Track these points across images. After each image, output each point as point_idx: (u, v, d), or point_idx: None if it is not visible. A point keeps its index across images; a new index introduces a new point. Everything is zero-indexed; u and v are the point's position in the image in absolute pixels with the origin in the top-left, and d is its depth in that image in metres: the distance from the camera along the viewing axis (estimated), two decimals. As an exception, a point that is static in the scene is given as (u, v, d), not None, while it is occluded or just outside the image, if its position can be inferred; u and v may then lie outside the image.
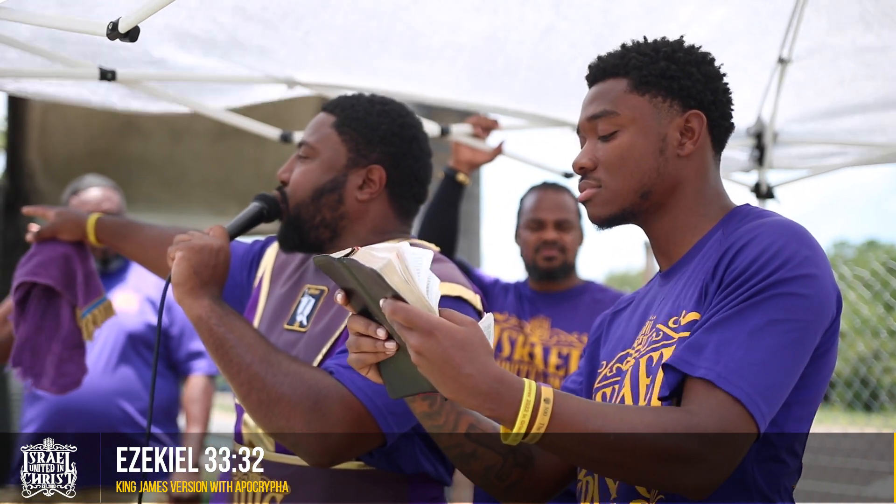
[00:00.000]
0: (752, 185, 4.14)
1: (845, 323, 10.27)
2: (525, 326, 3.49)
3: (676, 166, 1.72)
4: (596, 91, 1.78)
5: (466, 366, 1.42)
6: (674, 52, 1.75)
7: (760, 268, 1.53)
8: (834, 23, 3.23)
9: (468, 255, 5.73)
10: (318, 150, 2.19)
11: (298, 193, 2.18)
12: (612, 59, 1.78)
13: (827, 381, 1.64)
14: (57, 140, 9.43)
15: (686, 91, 1.73)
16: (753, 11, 3.24)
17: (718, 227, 1.70)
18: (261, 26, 2.98)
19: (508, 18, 3.17)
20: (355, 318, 1.55)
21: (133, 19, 1.93)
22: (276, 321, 2.24)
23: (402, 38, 3.18)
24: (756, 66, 3.54)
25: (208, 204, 10.45)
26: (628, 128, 1.72)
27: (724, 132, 1.78)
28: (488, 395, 1.42)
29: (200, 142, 9.78)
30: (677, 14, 3.17)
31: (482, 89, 3.56)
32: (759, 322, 1.49)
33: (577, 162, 1.76)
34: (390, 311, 1.43)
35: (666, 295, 1.70)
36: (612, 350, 1.79)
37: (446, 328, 1.42)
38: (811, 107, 3.81)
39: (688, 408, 1.47)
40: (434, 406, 1.71)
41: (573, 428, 1.44)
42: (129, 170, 9.40)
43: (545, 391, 1.44)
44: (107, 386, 3.94)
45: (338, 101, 2.24)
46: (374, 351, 1.53)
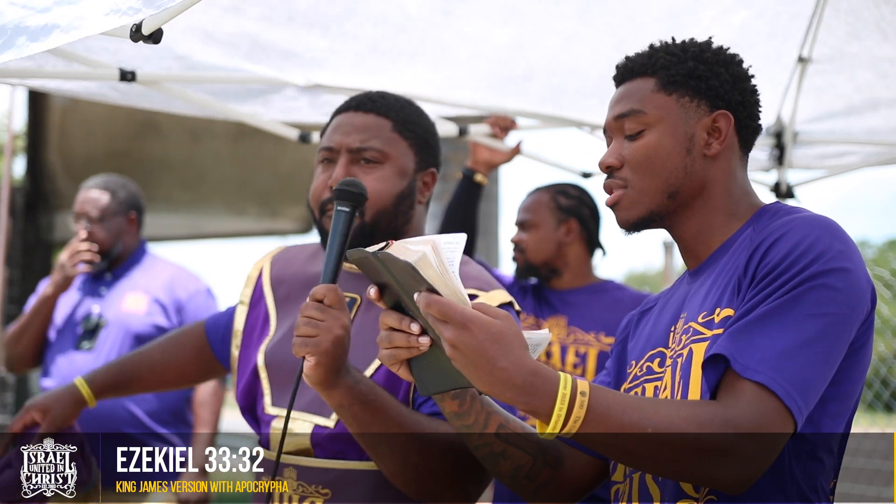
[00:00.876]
0: (772, 184, 4.13)
1: (865, 323, 10.20)
2: (542, 325, 3.49)
3: (703, 166, 1.71)
4: (623, 90, 1.77)
5: (501, 359, 1.41)
6: (702, 53, 1.74)
7: (794, 262, 1.53)
8: (851, 31, 3.23)
9: (486, 256, 5.72)
10: (390, 155, 2.13)
11: (382, 201, 2.10)
12: (640, 59, 1.77)
13: (863, 376, 1.63)
14: (77, 141, 9.47)
15: (714, 91, 1.72)
16: (774, 14, 3.24)
17: (748, 225, 1.70)
18: (287, 34, 2.99)
19: (535, 28, 3.18)
20: (388, 313, 1.55)
21: (156, 21, 1.93)
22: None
23: (430, 50, 3.19)
24: (776, 68, 3.53)
25: (227, 204, 10.48)
26: (655, 127, 1.71)
27: (751, 133, 1.78)
28: (523, 388, 1.42)
29: (220, 142, 9.80)
30: (700, 18, 3.17)
31: (501, 93, 3.56)
32: (794, 316, 1.49)
33: (603, 161, 1.75)
34: (425, 304, 1.43)
35: (696, 293, 1.69)
36: (641, 349, 1.78)
37: (481, 321, 1.42)
38: (830, 107, 3.80)
39: (724, 402, 1.47)
40: (464, 406, 1.70)
41: (609, 421, 1.43)
42: (148, 170, 9.43)
43: (581, 384, 1.44)
44: None
45: (379, 102, 2.17)
46: (408, 346, 1.53)
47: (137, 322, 4.01)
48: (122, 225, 4.14)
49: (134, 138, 9.43)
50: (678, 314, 1.71)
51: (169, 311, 4.05)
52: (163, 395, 3.99)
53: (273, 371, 2.20)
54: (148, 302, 4.06)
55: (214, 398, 4.08)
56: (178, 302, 4.08)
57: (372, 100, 2.18)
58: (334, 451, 2.07)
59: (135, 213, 4.19)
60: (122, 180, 4.27)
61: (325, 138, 2.19)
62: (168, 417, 4.01)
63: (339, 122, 2.18)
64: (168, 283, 4.11)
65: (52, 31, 1.79)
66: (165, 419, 4.00)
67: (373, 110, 2.16)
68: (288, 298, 2.27)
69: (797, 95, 3.66)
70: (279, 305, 2.27)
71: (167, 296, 4.08)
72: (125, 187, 4.20)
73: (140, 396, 3.93)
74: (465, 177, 3.40)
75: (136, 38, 1.96)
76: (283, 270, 2.31)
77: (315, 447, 2.08)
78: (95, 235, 4.10)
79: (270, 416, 2.17)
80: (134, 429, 3.93)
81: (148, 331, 4.00)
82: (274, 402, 2.17)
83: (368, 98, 2.19)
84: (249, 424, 2.29)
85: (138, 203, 4.23)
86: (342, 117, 2.18)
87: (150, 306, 4.05)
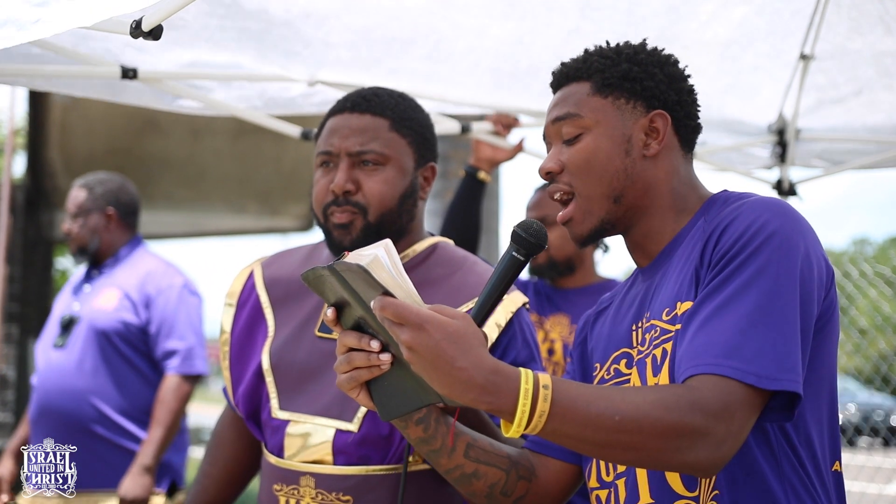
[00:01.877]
0: (774, 181, 4.13)
1: (866, 320, 10.21)
2: (545, 323, 3.49)
3: (644, 167, 1.71)
4: (560, 95, 1.78)
5: (460, 358, 1.38)
6: (636, 55, 1.75)
7: (746, 244, 1.53)
8: (854, 26, 3.22)
9: (488, 253, 5.72)
10: (390, 156, 2.13)
11: (386, 202, 2.11)
12: (575, 64, 1.78)
13: (835, 354, 1.64)
14: (78, 138, 9.47)
15: (649, 92, 1.72)
16: (775, 10, 3.23)
17: (699, 216, 1.70)
18: (283, 27, 2.98)
19: (535, 23, 3.17)
20: (347, 333, 1.52)
21: (156, 18, 1.93)
22: (303, 330, 2.18)
23: (425, 41, 3.18)
24: (777, 64, 3.52)
25: (228, 202, 10.48)
26: (592, 130, 1.71)
27: (690, 132, 1.78)
28: (484, 387, 1.39)
29: (220, 140, 9.80)
30: (698, 13, 3.16)
31: (504, 90, 3.55)
32: (748, 298, 1.49)
33: (542, 167, 1.75)
34: (380, 308, 1.40)
35: (655, 289, 1.69)
36: (604, 351, 1.78)
37: (437, 321, 1.39)
38: (833, 104, 3.80)
39: (689, 386, 1.46)
40: (429, 430, 1.69)
41: (576, 413, 1.40)
42: (149, 168, 9.43)
43: (542, 378, 1.41)
44: (80, 385, 3.91)
45: (375, 102, 2.17)
46: (369, 364, 1.51)
47: (104, 318, 3.98)
48: (98, 221, 4.14)
49: (135, 136, 9.43)
50: (640, 313, 1.71)
51: (138, 306, 4.02)
52: (133, 391, 3.96)
53: (280, 374, 2.17)
54: (119, 297, 4.03)
55: (174, 395, 3.93)
56: (146, 297, 4.03)
57: (367, 99, 2.17)
58: (358, 455, 2.04)
59: (113, 210, 4.16)
60: (106, 177, 4.26)
61: (322, 141, 2.18)
62: (142, 416, 3.97)
63: (335, 124, 2.17)
64: (141, 279, 4.07)
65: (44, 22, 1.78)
66: (137, 417, 3.97)
67: (369, 110, 2.15)
68: (286, 299, 2.25)
69: (799, 93, 3.66)
70: (276, 306, 2.25)
71: (137, 291, 4.04)
72: (104, 184, 4.19)
73: (109, 394, 3.90)
74: (467, 174, 3.39)
75: (136, 35, 1.95)
76: (277, 272, 2.30)
77: (336, 454, 2.05)
78: (72, 231, 4.14)
79: (280, 420, 2.13)
80: (102, 427, 3.90)
81: (115, 326, 3.97)
82: (282, 405, 2.14)
83: (363, 98, 2.18)
84: (252, 430, 2.25)
85: (119, 199, 4.19)
86: (338, 119, 2.17)
87: (120, 301, 4.02)
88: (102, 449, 3.89)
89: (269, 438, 2.16)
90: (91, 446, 3.85)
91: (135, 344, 4.00)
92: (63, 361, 3.96)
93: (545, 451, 1.80)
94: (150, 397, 3.99)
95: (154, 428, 3.89)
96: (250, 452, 2.34)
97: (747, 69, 3.57)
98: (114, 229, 4.18)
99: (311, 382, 2.12)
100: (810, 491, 1.59)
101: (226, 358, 2.28)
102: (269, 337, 2.22)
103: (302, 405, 2.11)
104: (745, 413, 1.45)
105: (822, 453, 1.62)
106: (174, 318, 4.04)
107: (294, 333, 2.18)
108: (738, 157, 4.14)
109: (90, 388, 3.91)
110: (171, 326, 4.02)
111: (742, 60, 3.49)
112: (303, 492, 2.07)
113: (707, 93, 3.81)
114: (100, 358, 3.95)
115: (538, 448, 1.81)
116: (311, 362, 2.14)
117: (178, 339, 4.00)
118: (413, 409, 1.52)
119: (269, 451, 2.17)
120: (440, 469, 1.73)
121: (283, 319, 2.22)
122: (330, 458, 2.05)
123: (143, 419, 3.98)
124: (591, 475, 1.75)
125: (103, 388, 3.92)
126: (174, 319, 4.03)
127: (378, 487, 2.03)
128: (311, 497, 2.05)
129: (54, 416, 3.90)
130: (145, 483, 3.81)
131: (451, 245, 2.26)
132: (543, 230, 1.61)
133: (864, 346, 9.18)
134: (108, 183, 4.20)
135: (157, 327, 4.01)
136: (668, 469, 1.54)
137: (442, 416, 1.71)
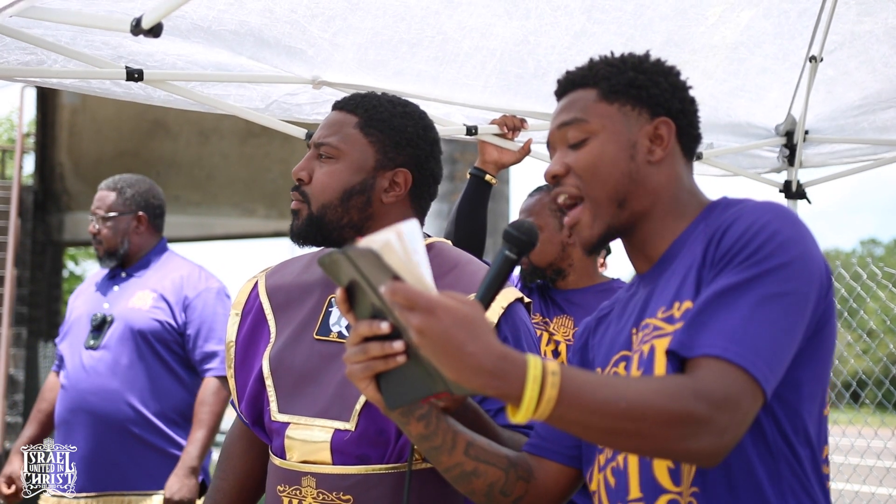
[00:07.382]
0: (782, 184, 4.11)
1: (875, 322, 10.18)
2: (550, 325, 3.48)
3: (648, 173, 1.73)
4: (566, 101, 1.80)
5: (469, 343, 1.38)
6: (641, 63, 1.77)
7: (747, 243, 1.56)
8: (863, 10, 3.20)
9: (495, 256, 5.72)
10: (344, 152, 2.16)
11: (326, 194, 2.15)
12: (581, 72, 1.81)
13: (830, 356, 1.65)
14: (86, 141, 9.50)
15: (654, 99, 1.74)
16: (782, 12, 3.22)
17: (699, 221, 1.72)
18: (288, 27, 2.97)
19: (541, 24, 3.16)
20: (360, 322, 1.52)
21: (156, 15, 1.92)
22: (302, 334, 2.20)
23: (431, 42, 3.17)
24: (785, 66, 3.52)
25: (236, 204, 10.51)
26: (598, 135, 1.73)
27: (692, 140, 1.80)
28: (493, 372, 1.39)
29: (228, 142, 9.81)
30: (706, 16, 3.16)
31: (511, 93, 3.54)
32: (748, 296, 1.51)
33: (548, 171, 1.77)
34: (390, 293, 1.40)
35: (656, 293, 1.71)
36: (606, 355, 1.79)
37: (447, 306, 1.39)
38: (842, 104, 3.79)
39: (692, 375, 1.47)
40: (430, 427, 1.70)
41: (582, 399, 1.41)
42: (157, 170, 9.45)
43: (551, 365, 1.42)
44: (115, 385, 3.91)
45: (356, 101, 2.21)
46: (384, 354, 1.51)
47: (140, 318, 3.99)
48: (128, 224, 4.14)
49: (143, 138, 9.45)
50: (641, 317, 1.72)
51: (175, 308, 4.03)
52: (166, 392, 3.98)
53: (278, 377, 2.18)
54: (154, 299, 4.04)
55: (216, 397, 3.98)
56: (185, 300, 4.05)
57: (352, 98, 2.23)
58: (356, 455, 2.05)
59: (144, 213, 4.17)
60: (135, 179, 4.25)
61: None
62: (176, 417, 3.99)
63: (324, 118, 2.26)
64: (178, 281, 4.09)
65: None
66: (173, 419, 3.98)
67: (345, 108, 2.21)
68: (287, 305, 2.27)
69: (807, 95, 3.65)
70: (277, 312, 2.27)
71: (174, 293, 4.05)
72: (134, 186, 4.18)
73: (146, 394, 3.93)
74: (473, 177, 3.38)
75: (136, 32, 1.95)
76: (279, 280, 2.32)
77: (335, 453, 2.06)
78: (101, 234, 4.12)
79: (280, 423, 2.15)
80: (139, 428, 3.91)
81: (150, 326, 3.98)
82: (281, 408, 2.15)
83: (351, 97, 2.24)
84: (259, 435, 2.26)
85: (148, 202, 4.20)
86: (329, 114, 2.25)
87: (154, 303, 4.03)
88: (138, 449, 3.91)
89: (272, 441, 2.19)
90: (127, 446, 3.89)
91: (170, 345, 4.01)
92: (97, 361, 3.96)
93: (544, 453, 1.82)
94: (182, 399, 4.02)
95: (197, 429, 3.92)
96: (260, 464, 2.35)
97: (755, 71, 3.57)
98: (143, 232, 4.17)
99: (309, 385, 2.13)
100: (810, 492, 1.59)
101: (231, 366, 2.30)
102: (271, 342, 2.24)
103: (301, 407, 2.13)
104: (746, 403, 1.46)
105: (819, 454, 1.63)
106: (213, 321, 4.05)
107: (293, 337, 2.20)
108: (747, 160, 4.13)
109: (126, 387, 3.92)
110: (210, 329, 4.04)
111: (750, 63, 3.48)
112: (304, 492, 2.08)
113: (715, 95, 3.83)
114: (136, 357, 3.96)
115: (537, 451, 1.83)
116: (309, 365, 2.15)
117: (217, 342, 4.02)
118: (420, 397, 1.53)
119: (273, 454, 2.18)
120: (440, 466, 1.75)
121: (284, 324, 2.24)
122: (329, 458, 2.06)
123: (175, 420, 3.99)
124: (592, 478, 1.75)
125: (139, 388, 3.93)
126: (213, 322, 4.05)
127: (378, 486, 2.03)
128: (313, 497, 2.06)
129: (90, 415, 3.91)
130: (191, 484, 3.85)
131: (448, 246, 2.27)
132: (535, 228, 1.66)
133: (872, 348, 9.15)
134: (137, 185, 4.20)
135: (195, 330, 4.03)
136: (672, 457, 1.55)
137: (443, 414, 1.73)
